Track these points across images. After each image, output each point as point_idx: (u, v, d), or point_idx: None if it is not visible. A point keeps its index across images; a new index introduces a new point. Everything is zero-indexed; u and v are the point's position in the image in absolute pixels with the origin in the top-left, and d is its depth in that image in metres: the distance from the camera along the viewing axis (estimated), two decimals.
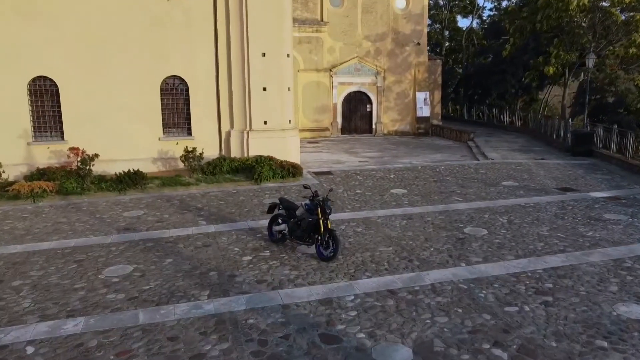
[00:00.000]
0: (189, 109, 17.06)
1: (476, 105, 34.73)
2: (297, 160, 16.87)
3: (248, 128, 17.02)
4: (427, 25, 30.76)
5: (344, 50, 28.51)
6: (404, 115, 29.94)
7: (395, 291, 7.45)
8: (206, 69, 16.95)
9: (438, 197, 13.20)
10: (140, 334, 6.30)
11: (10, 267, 8.57)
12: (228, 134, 17.27)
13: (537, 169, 17.19)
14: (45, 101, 15.90)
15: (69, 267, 8.57)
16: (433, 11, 38.52)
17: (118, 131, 16.28)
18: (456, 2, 40.73)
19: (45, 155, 15.84)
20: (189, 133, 17.15)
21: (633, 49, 22.75)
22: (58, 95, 15.88)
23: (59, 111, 15.95)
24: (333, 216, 10.19)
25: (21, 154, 15.65)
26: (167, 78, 16.79)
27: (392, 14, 28.96)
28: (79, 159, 14.50)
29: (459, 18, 42.33)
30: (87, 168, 14.48)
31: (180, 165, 16.24)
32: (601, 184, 14.76)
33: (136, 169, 14.33)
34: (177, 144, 16.52)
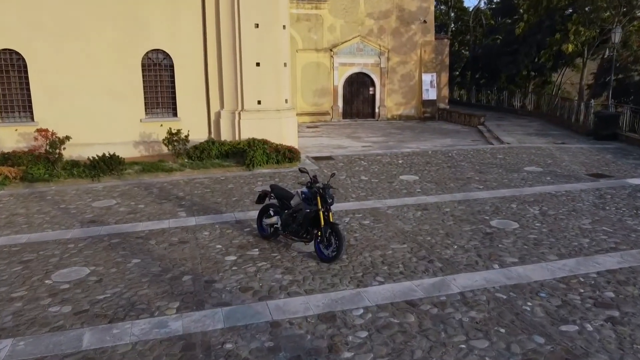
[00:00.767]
0: (174, 88, 15.36)
1: (484, 89, 32.94)
2: (295, 144, 15.21)
3: (240, 108, 15.33)
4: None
5: (345, 29, 26.68)
6: (409, 99, 28.19)
7: (415, 303, 5.84)
8: (193, 42, 15.21)
9: (455, 185, 11.56)
10: None
11: None
12: (218, 115, 15.59)
13: (561, 153, 15.54)
14: (12, 78, 14.20)
15: (12, 270, 6.97)
16: None
17: (95, 112, 14.59)
18: None
19: (12, 138, 14.19)
20: (175, 114, 15.46)
21: None
22: (26, 71, 14.16)
23: (28, 89, 14.25)
24: (335, 206, 8.57)
25: None
26: (149, 52, 15.05)
27: None
28: (48, 142, 12.84)
29: None
30: (57, 152, 12.83)
31: (165, 149, 14.58)
32: (637, 170, 13.11)
33: (112, 153, 12.67)
34: (161, 126, 14.84)
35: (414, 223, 8.78)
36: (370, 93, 27.97)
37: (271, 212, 7.85)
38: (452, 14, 39.77)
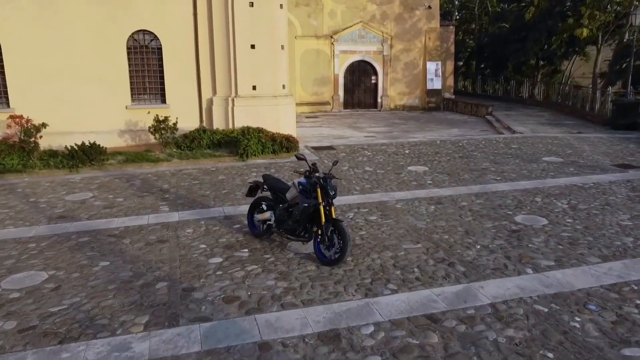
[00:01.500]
0: (162, 72, 14.22)
1: (490, 79, 31.75)
2: (293, 132, 14.09)
3: (233, 94, 14.20)
4: None
5: (346, 14, 25.47)
6: (413, 88, 27.02)
7: (437, 317, 4.76)
8: (182, 22, 14.05)
9: (469, 176, 10.46)
10: None
11: None
12: (210, 102, 14.46)
13: (580, 143, 14.43)
14: None
15: None
16: None
17: (76, 98, 13.46)
18: None
19: None
20: (163, 101, 14.33)
21: None
22: (0, 54, 13.01)
23: (3, 73, 13.11)
24: (337, 200, 7.47)
25: None
26: (135, 33, 13.90)
27: None
28: (22, 129, 11.72)
29: None
30: (32, 141, 11.72)
31: (153, 139, 13.46)
32: None
33: (92, 142, 11.56)
34: (149, 113, 13.71)
35: (427, 219, 7.69)
36: (373, 82, 26.81)
37: (264, 207, 6.77)
38: (457, 1, 38.48)
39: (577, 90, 21.73)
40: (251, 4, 13.72)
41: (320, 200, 5.94)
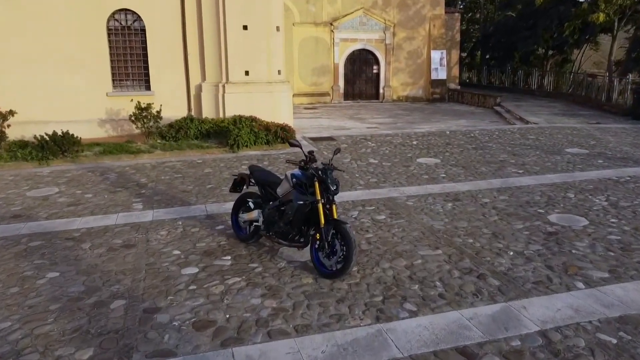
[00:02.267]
0: (146, 56, 13.00)
1: (496, 70, 30.50)
2: (290, 122, 12.90)
3: (224, 80, 12.99)
4: None
5: (346, 0, 24.19)
6: (417, 78, 25.78)
7: (473, 352, 3.61)
8: (169, 0, 12.82)
9: (487, 169, 9.29)
10: None
11: None
12: (199, 89, 13.25)
13: (602, 134, 13.25)
14: None
15: None
16: None
17: (52, 84, 12.26)
18: None
19: None
20: (147, 87, 13.12)
21: None
22: None
23: None
24: (339, 196, 6.29)
25: None
26: (116, 12, 12.67)
27: None
28: None
29: None
30: None
31: (135, 128, 12.26)
32: None
33: (65, 131, 10.37)
34: (132, 101, 12.46)
35: (445, 218, 6.52)
36: (374, 72, 25.56)
37: (250, 205, 5.59)
38: None
39: (593, 79, 20.50)
40: None
41: (318, 196, 4.76)
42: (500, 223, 6.34)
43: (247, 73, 12.93)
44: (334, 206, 4.86)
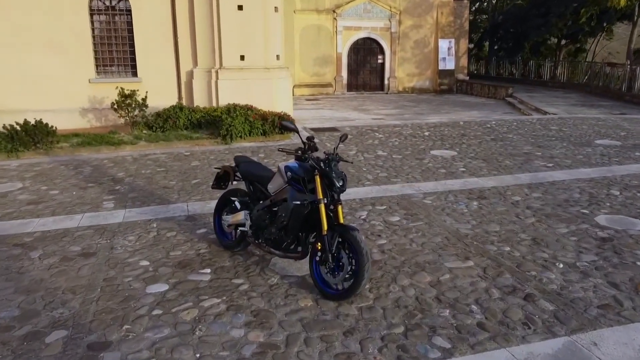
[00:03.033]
0: (133, 39, 11.92)
1: (506, 61, 29.29)
2: (289, 111, 11.82)
3: (217, 66, 11.91)
4: None
5: None
6: (423, 69, 24.61)
7: None
8: None
9: (512, 163, 8.20)
10: None
11: None
12: (190, 75, 12.17)
13: (632, 125, 12.12)
14: None
15: None
16: None
17: (28, 70, 11.20)
18: None
19: None
20: (134, 73, 12.05)
21: None
22: None
23: None
24: (343, 193, 5.19)
25: None
26: None
27: None
28: None
29: None
30: None
31: (119, 117, 11.19)
32: None
33: (38, 120, 9.32)
34: (117, 88, 11.40)
35: (472, 220, 5.44)
36: (379, 62, 24.39)
37: (237, 205, 4.52)
38: None
39: (612, 68, 19.32)
40: None
41: (320, 195, 3.69)
42: (539, 226, 5.26)
43: (243, 58, 11.84)
44: (339, 207, 3.79)
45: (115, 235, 5.13)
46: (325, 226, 3.68)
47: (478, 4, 34.61)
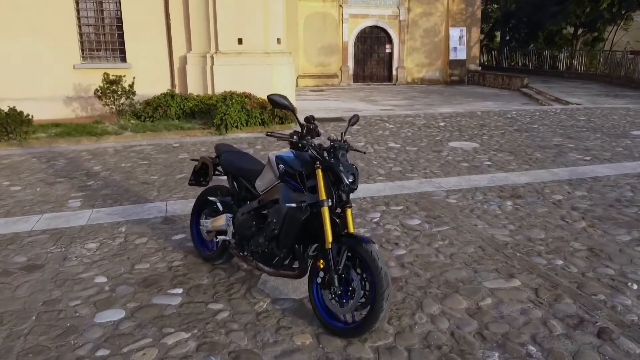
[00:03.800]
0: (121, 22, 10.97)
1: (518, 52, 28.13)
2: (290, 99, 10.81)
3: (213, 50, 10.94)
4: None
5: None
6: (433, 59, 23.52)
7: None
8: None
9: (543, 156, 7.20)
10: None
11: None
12: (184, 61, 11.22)
13: None
14: None
15: None
16: None
17: (5, 54, 10.28)
18: None
19: None
20: (123, 59, 11.11)
21: None
22: None
23: None
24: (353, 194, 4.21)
25: None
26: None
27: None
28: None
29: None
30: None
31: (103, 105, 10.25)
32: None
33: (11, 107, 8.41)
34: (105, 75, 10.48)
35: (509, 225, 4.46)
36: (387, 52, 23.33)
37: (218, 206, 3.57)
38: None
39: (636, 56, 18.18)
40: None
41: (323, 195, 2.73)
42: (593, 233, 4.27)
43: (240, 41, 10.86)
44: (349, 211, 2.83)
45: (73, 241, 4.19)
46: (329, 237, 2.72)
47: None
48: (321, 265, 2.78)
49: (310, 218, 2.83)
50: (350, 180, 2.73)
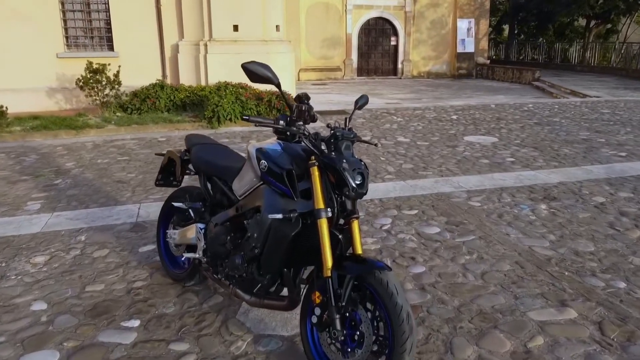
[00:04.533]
0: (108, 8, 10.21)
1: (528, 45, 27.23)
2: (290, 90, 10.07)
3: (207, 38, 10.18)
4: None
5: None
6: (440, 52, 22.65)
7: None
8: None
9: (571, 151, 6.40)
10: None
11: None
12: (175, 50, 10.46)
13: None
14: None
15: None
16: None
17: None
18: None
19: None
20: (110, 47, 10.37)
21: None
22: None
23: None
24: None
25: None
26: None
27: None
28: None
29: None
30: None
31: (84, 96, 9.49)
32: None
33: None
34: (91, 64, 9.74)
35: (549, 234, 3.68)
36: (392, 44, 22.47)
37: (190, 213, 2.80)
38: None
39: None
40: None
41: (319, 202, 1.97)
42: None
43: (236, 28, 10.08)
44: (355, 225, 2.05)
45: (18, 254, 3.45)
46: (328, 261, 1.96)
47: None
48: (317, 300, 2.02)
49: (303, 233, 2.06)
50: (357, 182, 1.96)
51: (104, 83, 8.87)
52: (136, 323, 2.58)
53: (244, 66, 2.09)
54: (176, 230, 2.86)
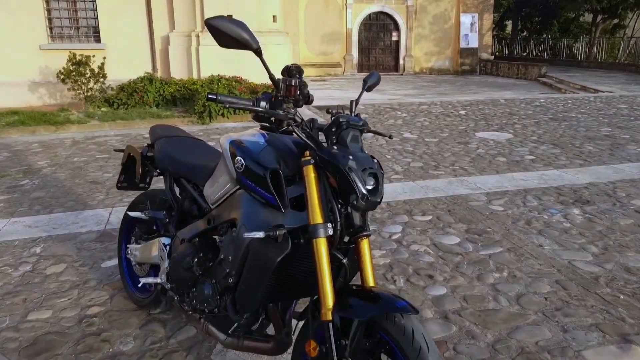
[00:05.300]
0: None
1: (532, 41, 26.67)
2: None
3: (199, 29, 9.60)
4: None
5: None
6: (443, 47, 22.06)
7: None
8: None
9: (595, 149, 5.83)
10: None
11: None
12: (166, 41, 9.88)
13: None
14: None
15: None
16: None
17: None
18: None
19: None
20: (97, 39, 9.79)
21: None
22: None
23: None
24: None
25: None
26: None
27: None
28: None
29: None
30: None
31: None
32: None
33: None
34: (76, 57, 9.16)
35: (591, 246, 3.11)
36: (393, 39, 21.88)
37: (155, 226, 2.23)
38: None
39: None
40: None
41: (316, 215, 1.39)
42: None
43: (230, 18, 9.48)
44: (364, 246, 1.48)
45: None
46: (328, 298, 1.39)
47: None
48: (313, 352, 1.44)
49: (293, 258, 1.49)
50: (370, 187, 1.38)
51: (87, 76, 8.29)
52: None
53: (208, 22, 1.51)
54: (138, 246, 2.29)
